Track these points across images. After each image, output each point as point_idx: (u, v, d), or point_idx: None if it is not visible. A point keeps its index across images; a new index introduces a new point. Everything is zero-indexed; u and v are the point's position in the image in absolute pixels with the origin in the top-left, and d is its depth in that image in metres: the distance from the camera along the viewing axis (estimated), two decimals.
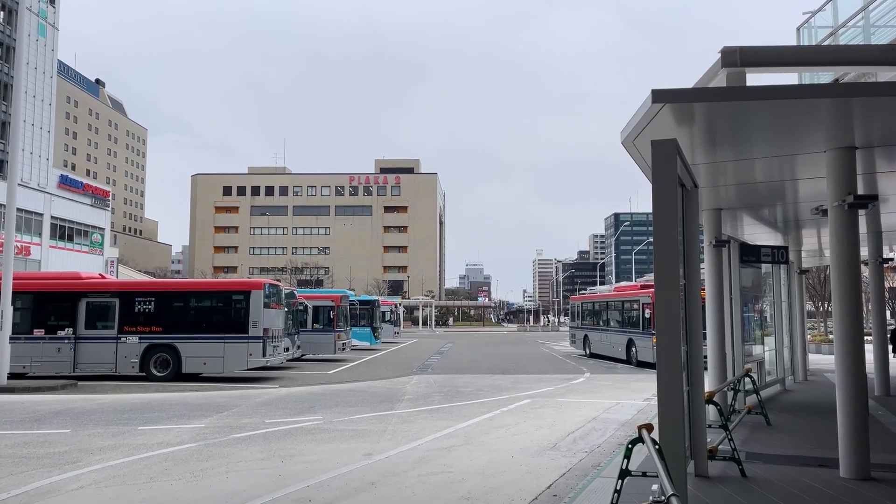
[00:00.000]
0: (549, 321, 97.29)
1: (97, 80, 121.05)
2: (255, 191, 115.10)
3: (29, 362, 18.43)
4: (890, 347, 15.78)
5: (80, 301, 18.84)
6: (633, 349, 23.66)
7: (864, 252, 13.94)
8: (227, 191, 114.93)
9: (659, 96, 5.82)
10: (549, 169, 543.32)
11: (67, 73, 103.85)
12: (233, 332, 18.27)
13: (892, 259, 17.15)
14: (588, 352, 28.86)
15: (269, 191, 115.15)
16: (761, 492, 6.57)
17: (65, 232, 56.65)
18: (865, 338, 7.86)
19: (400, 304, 55.97)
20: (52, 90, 57.63)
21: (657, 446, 4.69)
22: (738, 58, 7.30)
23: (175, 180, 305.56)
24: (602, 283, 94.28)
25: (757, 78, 7.69)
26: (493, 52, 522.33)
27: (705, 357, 8.27)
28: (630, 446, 5.28)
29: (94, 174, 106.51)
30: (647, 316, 22.34)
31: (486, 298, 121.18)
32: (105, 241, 63.07)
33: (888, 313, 17.76)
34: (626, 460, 5.28)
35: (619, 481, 5.24)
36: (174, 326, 18.62)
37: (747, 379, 10.77)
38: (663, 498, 3.56)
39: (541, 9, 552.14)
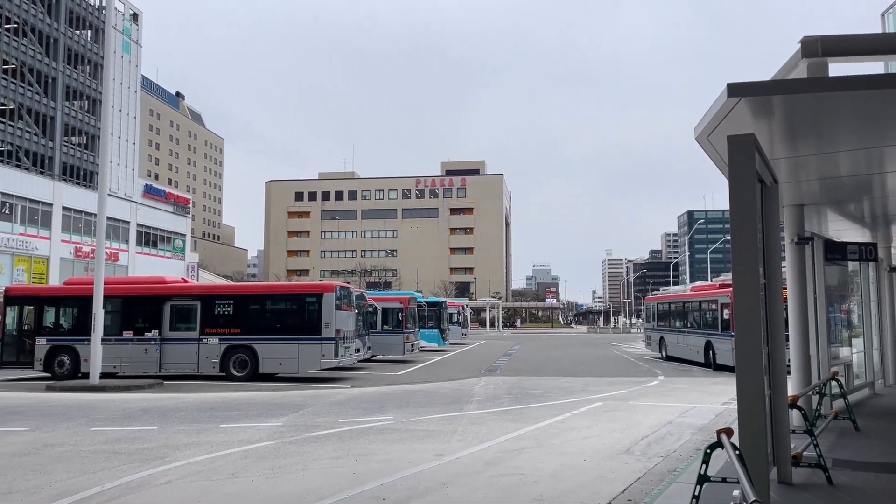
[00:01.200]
0: (617, 322, 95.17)
1: (177, 93, 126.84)
2: (326, 196, 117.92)
3: (119, 362, 19.50)
4: None
5: (164, 304, 19.78)
6: (712, 351, 22.89)
7: None
8: (298, 196, 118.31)
9: (735, 90, 5.64)
10: (618, 166, 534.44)
11: (150, 87, 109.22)
12: (307, 334, 18.78)
13: None
14: (664, 354, 28.11)
15: (339, 195, 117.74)
16: (849, 500, 6.26)
17: (149, 238, 59.72)
18: None
19: (467, 306, 56.11)
20: (136, 104, 60.76)
21: (738, 451, 4.54)
22: (819, 47, 6.97)
23: (249, 187, 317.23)
24: (675, 283, 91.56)
25: (840, 68, 7.32)
26: (556, 48, 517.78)
27: (788, 360, 7.94)
28: (709, 451, 5.14)
29: (175, 183, 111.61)
30: (725, 317, 21.59)
31: (554, 299, 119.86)
32: (186, 246, 66.11)
33: None
34: (704, 465, 5.14)
35: (698, 487, 5.10)
36: (252, 328, 19.29)
37: (833, 382, 10.28)
38: None
39: (606, 1, 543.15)
